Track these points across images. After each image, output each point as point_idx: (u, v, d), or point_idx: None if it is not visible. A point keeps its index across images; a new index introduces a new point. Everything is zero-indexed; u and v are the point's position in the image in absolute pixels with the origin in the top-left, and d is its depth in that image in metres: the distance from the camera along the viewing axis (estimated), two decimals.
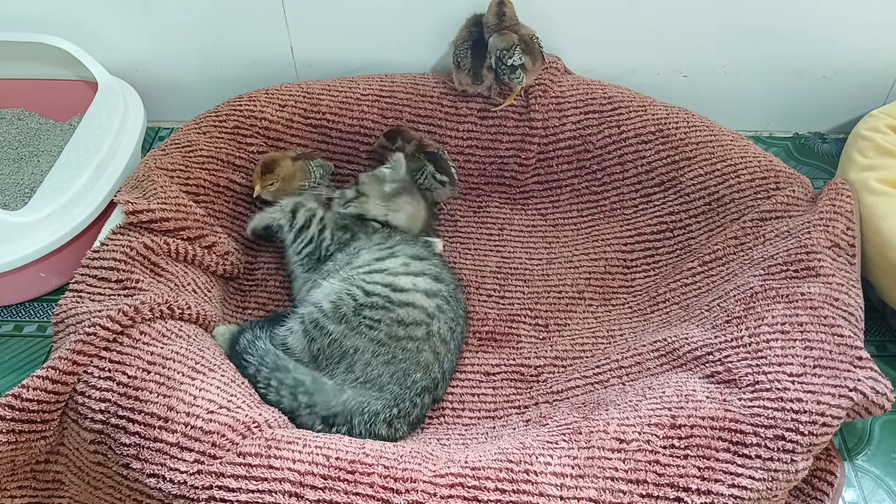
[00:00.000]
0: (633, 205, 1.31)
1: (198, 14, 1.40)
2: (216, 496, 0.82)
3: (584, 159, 1.34)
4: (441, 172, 1.29)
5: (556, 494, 0.82)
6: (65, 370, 0.91)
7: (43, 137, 1.50)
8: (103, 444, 0.89)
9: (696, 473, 0.82)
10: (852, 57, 1.41)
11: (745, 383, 0.90)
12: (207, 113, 1.32)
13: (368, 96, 1.36)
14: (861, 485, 1.02)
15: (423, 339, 1.04)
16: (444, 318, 1.08)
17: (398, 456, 0.86)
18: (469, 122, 1.35)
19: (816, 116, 1.51)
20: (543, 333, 1.18)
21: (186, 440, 0.86)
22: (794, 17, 1.35)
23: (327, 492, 0.82)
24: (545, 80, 1.35)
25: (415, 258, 1.13)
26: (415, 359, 1.03)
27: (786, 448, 0.85)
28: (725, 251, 1.15)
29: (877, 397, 0.89)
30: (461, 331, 1.13)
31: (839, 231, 1.06)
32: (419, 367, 1.04)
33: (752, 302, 1.01)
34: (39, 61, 1.47)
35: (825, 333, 0.94)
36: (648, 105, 1.33)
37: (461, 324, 1.13)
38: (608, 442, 0.86)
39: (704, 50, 1.41)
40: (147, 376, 0.91)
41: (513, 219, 1.35)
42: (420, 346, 1.04)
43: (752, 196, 1.19)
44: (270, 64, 1.46)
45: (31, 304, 1.27)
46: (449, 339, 1.08)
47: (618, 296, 1.23)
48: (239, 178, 1.27)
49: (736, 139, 1.27)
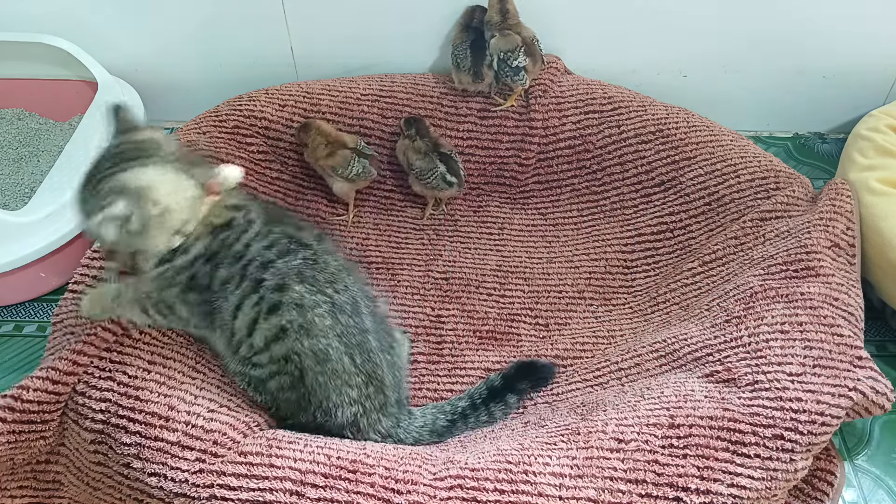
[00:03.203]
0: (633, 205, 1.31)
1: (198, 14, 1.40)
2: (217, 495, 0.82)
3: (584, 159, 1.34)
4: (451, 174, 1.29)
5: (556, 495, 0.82)
6: (65, 370, 0.91)
7: (43, 137, 1.50)
8: (104, 444, 0.89)
9: (695, 473, 0.82)
10: (852, 57, 1.41)
11: (745, 383, 0.90)
12: (207, 113, 1.32)
13: (368, 96, 1.36)
14: (861, 485, 1.02)
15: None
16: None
17: (399, 458, 0.87)
18: (469, 122, 1.35)
19: (816, 116, 1.51)
20: (544, 332, 1.18)
21: (187, 439, 0.86)
22: (794, 17, 1.36)
23: (328, 491, 0.82)
24: (545, 80, 1.35)
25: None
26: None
27: (785, 447, 0.85)
28: (725, 251, 1.15)
29: (877, 397, 0.89)
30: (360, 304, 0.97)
31: (839, 231, 1.06)
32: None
33: (752, 302, 1.01)
34: (39, 61, 1.47)
35: (825, 333, 0.94)
36: (648, 105, 1.33)
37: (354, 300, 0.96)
38: (607, 442, 0.86)
39: (704, 50, 1.41)
40: (147, 376, 0.91)
41: (513, 218, 1.35)
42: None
43: (752, 196, 1.19)
44: (270, 64, 1.47)
45: (31, 304, 1.27)
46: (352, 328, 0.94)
47: (618, 296, 1.23)
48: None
49: (736, 139, 1.27)
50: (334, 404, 0.93)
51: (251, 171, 1.29)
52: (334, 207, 1.36)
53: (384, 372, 0.96)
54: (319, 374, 0.91)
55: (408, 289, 1.24)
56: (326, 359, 0.91)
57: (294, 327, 0.90)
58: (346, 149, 1.28)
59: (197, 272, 0.92)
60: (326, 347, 0.91)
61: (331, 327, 0.91)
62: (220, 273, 0.91)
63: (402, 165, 1.34)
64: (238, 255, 0.92)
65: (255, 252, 0.92)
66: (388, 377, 0.97)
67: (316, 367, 0.91)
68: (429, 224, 1.35)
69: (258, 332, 0.91)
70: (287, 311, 0.90)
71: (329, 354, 0.91)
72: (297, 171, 1.35)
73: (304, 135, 1.29)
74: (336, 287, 0.93)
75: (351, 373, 0.92)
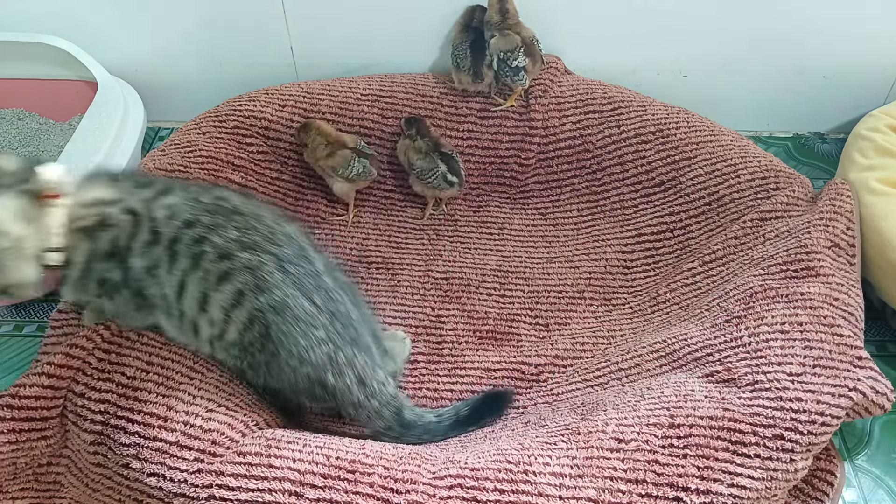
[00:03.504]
0: (633, 205, 1.31)
1: (198, 14, 1.40)
2: (216, 495, 0.82)
3: (584, 159, 1.34)
4: (452, 174, 1.29)
5: (556, 494, 0.82)
6: (60, 364, 0.91)
7: (43, 137, 1.50)
8: (103, 445, 0.89)
9: (695, 473, 0.82)
10: (852, 57, 1.41)
11: (745, 383, 0.90)
12: (207, 113, 1.32)
13: (368, 96, 1.36)
14: (861, 485, 1.02)
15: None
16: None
17: (398, 457, 0.87)
18: (469, 122, 1.35)
19: (816, 116, 1.51)
20: (544, 332, 1.18)
21: (186, 439, 0.86)
22: (794, 17, 1.35)
23: (327, 491, 0.82)
24: (545, 80, 1.35)
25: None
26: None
27: (785, 447, 0.84)
28: (725, 251, 1.15)
29: (877, 397, 0.89)
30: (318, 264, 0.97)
31: (839, 231, 1.06)
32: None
33: (752, 302, 1.01)
34: (39, 61, 1.47)
35: (825, 333, 0.94)
36: (648, 105, 1.33)
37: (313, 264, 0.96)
38: (607, 442, 0.86)
39: (704, 50, 1.41)
40: (146, 377, 0.91)
41: (513, 218, 1.35)
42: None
43: (752, 196, 1.19)
44: (270, 64, 1.47)
45: (31, 304, 1.27)
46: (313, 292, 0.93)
47: (618, 296, 1.23)
48: (238, 178, 1.27)
49: (736, 139, 1.27)
50: (304, 347, 0.92)
51: (251, 171, 1.29)
52: (334, 207, 1.36)
53: (348, 308, 0.96)
54: (282, 324, 0.91)
55: (408, 289, 1.24)
56: (285, 307, 0.90)
57: (250, 287, 0.90)
58: (346, 149, 1.28)
59: (104, 275, 0.91)
60: (283, 297, 0.90)
61: (283, 280, 0.91)
62: (135, 263, 0.90)
63: (403, 165, 1.34)
64: (149, 242, 0.90)
65: (172, 232, 0.90)
66: (355, 312, 0.97)
67: (278, 317, 0.90)
68: (429, 224, 1.35)
69: (213, 304, 0.90)
70: (239, 274, 0.89)
71: (287, 303, 0.90)
72: (297, 172, 1.35)
73: (304, 135, 1.29)
74: (277, 242, 0.93)
75: (313, 314, 0.92)
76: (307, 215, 1.34)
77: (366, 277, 1.26)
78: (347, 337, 0.95)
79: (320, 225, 1.33)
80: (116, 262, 0.91)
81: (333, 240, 1.31)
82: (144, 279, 0.91)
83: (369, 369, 0.96)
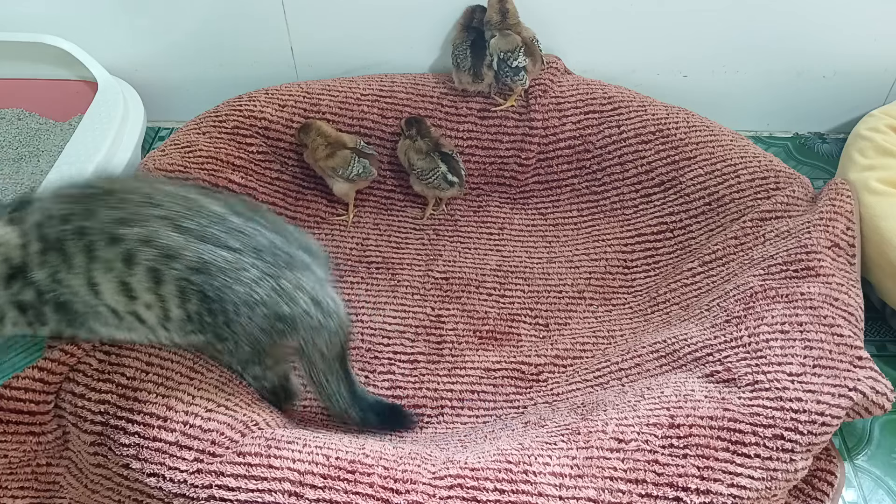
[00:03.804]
0: (633, 205, 1.31)
1: (198, 14, 1.40)
2: (216, 495, 0.82)
3: (584, 159, 1.34)
4: (453, 174, 1.29)
5: (555, 494, 0.82)
6: (53, 359, 0.92)
7: (43, 137, 1.50)
8: (103, 446, 0.89)
9: (695, 473, 0.82)
10: (852, 57, 1.41)
11: (745, 383, 0.90)
12: (207, 113, 1.32)
13: (368, 96, 1.36)
14: (861, 485, 1.02)
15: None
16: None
17: (398, 457, 0.87)
18: (469, 122, 1.35)
19: (816, 116, 1.51)
20: (544, 332, 1.18)
21: (185, 439, 0.86)
22: (794, 18, 1.35)
23: (327, 491, 0.82)
24: (545, 80, 1.35)
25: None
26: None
27: (785, 447, 0.84)
28: (725, 251, 1.15)
29: (877, 397, 0.89)
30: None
31: (839, 231, 1.06)
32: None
33: (752, 302, 1.01)
34: (39, 61, 1.47)
35: (825, 333, 0.94)
36: (648, 105, 1.33)
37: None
38: (607, 442, 0.86)
39: (704, 50, 1.41)
40: (145, 377, 0.91)
41: (513, 218, 1.35)
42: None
43: (752, 196, 1.19)
44: (270, 64, 1.47)
45: None
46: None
47: (618, 296, 1.23)
48: (238, 178, 1.27)
49: (736, 139, 1.27)
50: (245, 293, 0.88)
51: (251, 171, 1.29)
52: (334, 207, 1.36)
53: (268, 237, 0.91)
54: (212, 280, 0.87)
55: (408, 289, 1.24)
56: (205, 263, 0.86)
57: (158, 260, 0.86)
58: (346, 149, 1.28)
59: (18, 298, 0.89)
60: (198, 255, 0.86)
61: (185, 239, 0.86)
62: (38, 275, 0.87)
63: (404, 166, 1.34)
64: (41, 250, 0.86)
65: (55, 233, 0.86)
66: (277, 238, 0.93)
67: (204, 276, 0.87)
68: (429, 224, 1.35)
69: (137, 286, 0.87)
70: (140, 252, 0.85)
71: (204, 258, 0.86)
72: (297, 172, 1.35)
73: (304, 136, 1.29)
74: (157, 203, 0.87)
75: (236, 258, 0.87)
76: (307, 215, 1.34)
77: (366, 277, 1.26)
78: (281, 263, 0.91)
79: (320, 225, 1.33)
80: (21, 281, 0.88)
81: (333, 240, 1.31)
82: (56, 288, 0.88)
83: (319, 287, 0.93)
